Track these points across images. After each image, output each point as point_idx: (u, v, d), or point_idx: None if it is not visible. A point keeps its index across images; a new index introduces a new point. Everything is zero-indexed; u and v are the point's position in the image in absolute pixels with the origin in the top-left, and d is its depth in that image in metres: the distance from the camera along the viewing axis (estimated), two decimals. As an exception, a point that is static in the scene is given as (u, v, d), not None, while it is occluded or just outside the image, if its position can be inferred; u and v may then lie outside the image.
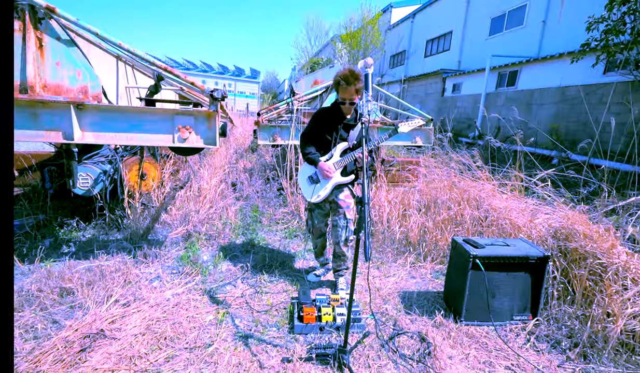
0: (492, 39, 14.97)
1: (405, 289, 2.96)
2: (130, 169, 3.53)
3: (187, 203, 3.98)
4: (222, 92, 2.62)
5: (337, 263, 2.83)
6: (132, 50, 2.40)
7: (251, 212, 4.31)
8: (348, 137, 2.60)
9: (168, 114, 2.62)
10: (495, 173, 4.34)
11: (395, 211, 3.94)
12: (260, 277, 2.98)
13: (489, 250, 2.47)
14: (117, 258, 3.01)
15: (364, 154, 1.76)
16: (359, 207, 1.75)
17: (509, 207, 3.50)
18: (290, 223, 4.18)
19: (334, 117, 2.59)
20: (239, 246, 3.56)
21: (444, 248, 3.51)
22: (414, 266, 3.38)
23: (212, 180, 4.22)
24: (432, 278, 3.19)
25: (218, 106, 2.70)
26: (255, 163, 5.91)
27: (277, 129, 4.95)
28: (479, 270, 2.43)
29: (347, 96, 2.43)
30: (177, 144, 2.70)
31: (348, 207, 2.66)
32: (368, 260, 1.56)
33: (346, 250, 2.74)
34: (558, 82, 9.87)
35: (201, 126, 2.73)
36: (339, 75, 2.39)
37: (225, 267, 3.15)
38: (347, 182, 2.63)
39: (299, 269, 3.21)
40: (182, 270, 2.95)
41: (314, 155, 2.60)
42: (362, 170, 1.74)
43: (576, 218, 2.97)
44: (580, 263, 2.63)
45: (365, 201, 1.68)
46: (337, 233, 2.68)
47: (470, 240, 2.59)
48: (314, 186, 2.64)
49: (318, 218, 2.79)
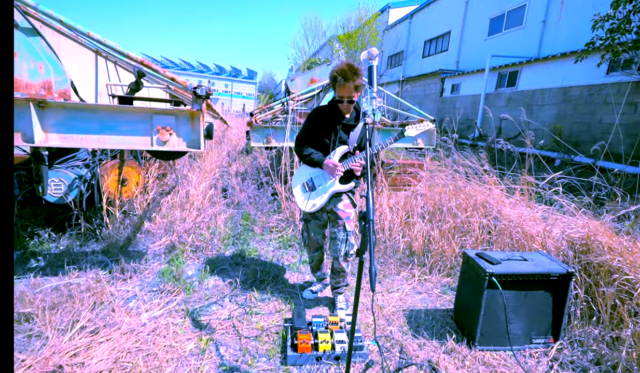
0: (491, 39, 14.78)
1: (411, 307, 2.68)
2: (109, 174, 3.22)
3: (172, 211, 3.68)
4: (206, 89, 2.33)
5: (335, 280, 2.55)
6: (102, 40, 2.11)
7: (242, 220, 4.02)
8: (348, 140, 2.32)
9: (146, 113, 2.33)
10: (503, 177, 4.08)
11: (398, 218, 3.66)
12: (250, 295, 2.69)
13: (506, 267, 2.20)
14: (91, 274, 2.70)
15: (368, 161, 1.48)
16: (362, 223, 1.47)
17: (521, 215, 3.24)
18: (284, 231, 3.89)
19: (332, 117, 2.31)
20: (228, 258, 3.26)
21: (451, 259, 3.23)
22: (419, 279, 3.10)
23: (201, 186, 3.92)
24: (440, 293, 2.92)
25: (202, 105, 2.41)
26: (249, 166, 5.61)
27: (271, 130, 4.67)
28: (496, 289, 2.16)
29: (346, 93, 2.15)
30: (156, 147, 2.40)
31: (348, 218, 2.38)
32: (373, 291, 1.28)
33: (346, 266, 2.46)
34: (560, 82, 9.66)
35: (183, 127, 2.44)
36: (336, 70, 2.12)
37: (212, 283, 2.85)
38: (346, 189, 2.35)
39: (294, 284, 2.93)
40: (163, 288, 2.65)
41: (316, 154, 2.32)
42: (366, 180, 1.46)
43: (597, 228, 2.71)
44: (606, 280, 2.37)
45: (370, 217, 1.40)
46: (335, 248, 2.39)
47: (484, 255, 2.32)
48: (309, 194, 2.36)
49: (315, 230, 2.51)
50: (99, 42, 2.11)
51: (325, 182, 2.34)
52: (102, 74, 3.67)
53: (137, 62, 2.21)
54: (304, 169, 2.42)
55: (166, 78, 2.31)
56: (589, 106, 8.64)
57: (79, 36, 2.52)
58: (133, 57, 2.17)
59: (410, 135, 2.25)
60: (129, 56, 2.17)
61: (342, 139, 2.32)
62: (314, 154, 2.32)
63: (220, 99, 33.39)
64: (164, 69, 2.28)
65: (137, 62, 2.22)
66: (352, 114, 2.34)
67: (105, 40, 2.12)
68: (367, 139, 1.51)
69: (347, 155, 2.34)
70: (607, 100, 8.21)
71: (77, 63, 3.08)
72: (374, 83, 1.58)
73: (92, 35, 2.05)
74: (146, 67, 2.28)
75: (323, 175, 2.34)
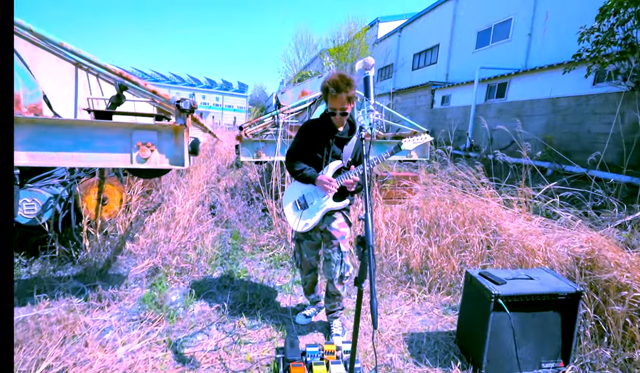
0: (479, 52, 15.05)
1: (411, 330, 2.52)
2: (88, 193, 3.03)
3: (157, 230, 3.48)
4: (190, 102, 2.19)
5: (330, 304, 2.38)
6: (77, 51, 1.96)
7: (231, 239, 3.83)
8: (342, 154, 2.19)
9: (125, 128, 2.17)
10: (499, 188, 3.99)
11: (394, 234, 3.52)
12: (239, 321, 2.50)
13: (512, 287, 2.07)
14: (64, 302, 2.48)
15: (366, 178, 1.34)
16: (360, 249, 1.32)
17: (522, 229, 3.13)
18: (276, 249, 3.71)
19: (324, 131, 2.18)
20: (215, 281, 3.07)
21: (451, 276, 3.09)
22: (418, 299, 2.95)
23: (187, 203, 3.73)
24: (441, 313, 2.76)
25: (186, 119, 2.27)
26: (239, 181, 5.44)
27: (262, 144, 4.54)
28: (503, 312, 2.02)
29: (338, 105, 2.03)
30: (135, 164, 2.23)
31: (343, 238, 2.22)
32: (375, 328, 1.12)
33: (341, 289, 2.29)
34: (548, 93, 9.80)
35: (166, 143, 2.28)
36: (328, 81, 2.00)
37: (198, 309, 2.65)
38: (340, 207, 2.21)
39: (286, 308, 2.74)
40: (143, 316, 2.44)
41: (309, 170, 2.18)
42: (364, 199, 1.32)
43: (602, 242, 2.61)
44: (615, 297, 2.25)
45: (370, 242, 1.26)
46: (330, 270, 2.23)
47: (488, 274, 2.18)
48: (301, 212, 2.21)
49: (308, 251, 2.35)
50: (72, 52, 1.96)
51: (319, 199, 2.19)
52: (83, 88, 3.51)
53: (115, 74, 2.07)
54: (295, 186, 2.28)
55: (147, 91, 2.16)
56: (577, 116, 8.74)
57: (52, 47, 2.37)
58: (111, 68, 2.03)
59: (407, 148, 2.13)
60: (106, 68, 2.02)
61: (335, 153, 2.19)
62: (306, 170, 2.18)
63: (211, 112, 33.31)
64: (144, 82, 2.13)
65: (116, 75, 2.08)
66: (345, 127, 2.22)
67: (80, 51, 1.97)
68: (365, 155, 1.37)
69: (341, 171, 2.21)
70: (594, 110, 8.32)
71: (54, 76, 2.91)
72: (371, 95, 1.46)
73: (66, 46, 1.91)
74: (125, 80, 2.13)
75: (316, 192, 2.20)
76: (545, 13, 11.75)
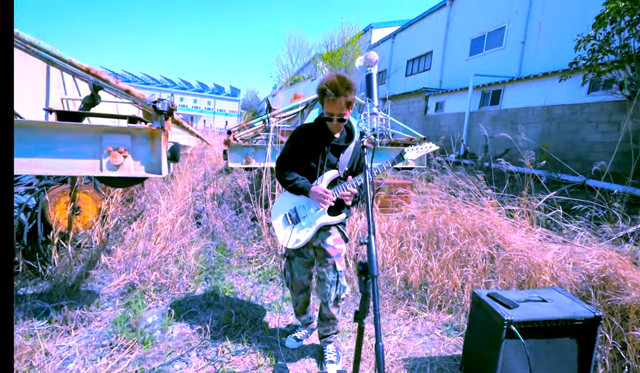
0: (472, 59, 15.08)
1: (412, 355, 2.30)
2: (58, 201, 2.76)
3: (136, 242, 3.21)
4: (169, 103, 1.96)
5: (324, 328, 2.14)
6: (36, 42, 1.72)
7: (217, 251, 3.58)
8: (338, 163, 1.98)
9: (93, 132, 1.93)
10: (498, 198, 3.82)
11: (391, 247, 3.31)
12: (222, 346, 2.25)
13: (525, 311, 1.87)
14: (23, 326, 2.20)
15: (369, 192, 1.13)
16: (361, 279, 1.10)
17: (527, 242, 2.94)
18: (265, 262, 3.47)
19: (319, 137, 1.97)
20: (198, 298, 2.81)
21: (453, 294, 2.89)
22: (418, 318, 2.73)
23: (170, 212, 3.47)
24: (443, 334, 2.55)
25: (164, 122, 2.03)
26: (228, 187, 5.19)
27: (252, 149, 4.31)
28: (516, 339, 1.82)
29: (336, 111, 1.82)
30: (106, 172, 1.99)
31: (339, 256, 2.00)
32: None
33: (336, 312, 2.06)
34: (542, 101, 9.77)
35: (141, 148, 2.04)
36: (325, 82, 1.79)
37: (178, 331, 2.40)
38: (336, 222, 1.99)
39: (275, 329, 2.50)
40: (114, 342, 2.18)
41: (301, 180, 1.96)
42: (368, 220, 1.10)
43: (614, 259, 2.43)
44: (635, 322, 2.07)
45: (374, 271, 1.04)
46: (324, 291, 2.00)
47: (498, 296, 1.98)
48: (292, 227, 1.99)
49: (299, 269, 2.12)
50: (32, 44, 1.71)
51: (312, 212, 1.97)
52: (57, 88, 3.24)
53: (83, 70, 1.83)
54: (286, 197, 2.06)
55: (120, 89, 1.93)
56: (572, 125, 8.71)
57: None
58: (76, 64, 1.79)
59: (411, 158, 1.93)
60: (71, 63, 1.78)
61: (330, 162, 1.98)
62: (298, 180, 1.96)
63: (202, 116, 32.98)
64: (116, 80, 1.90)
65: (83, 70, 1.84)
66: (342, 133, 2.01)
67: (40, 42, 1.73)
68: (367, 166, 1.16)
69: (336, 181, 2.00)
70: (589, 119, 8.29)
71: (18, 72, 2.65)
72: (374, 95, 1.25)
73: (22, 36, 1.66)
74: (94, 77, 1.90)
75: (309, 204, 1.98)
76: (539, 22, 11.81)
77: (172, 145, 2.16)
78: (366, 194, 1.15)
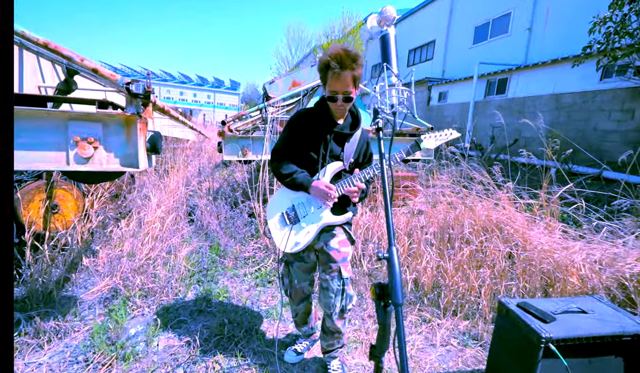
0: (476, 48, 14.64)
1: (428, 371, 2.04)
2: (32, 199, 2.49)
3: (123, 242, 2.94)
4: (144, 85, 1.67)
5: (328, 343, 1.88)
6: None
7: (210, 251, 3.31)
8: (342, 153, 1.69)
9: (57, 118, 1.65)
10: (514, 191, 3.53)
11: (401, 246, 3.04)
12: (213, 361, 1.99)
13: (563, 326, 1.59)
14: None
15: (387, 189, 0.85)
16: (380, 304, 0.83)
17: (552, 243, 2.67)
18: (263, 263, 3.20)
19: (320, 123, 1.68)
20: (189, 305, 2.55)
21: (469, 297, 2.62)
22: (431, 324, 2.47)
23: (159, 210, 3.20)
24: (460, 345, 2.29)
25: (141, 107, 1.75)
26: (224, 181, 4.92)
27: (249, 141, 4.02)
28: (554, 357, 1.55)
29: (341, 87, 1.53)
30: (74, 166, 1.71)
31: (344, 260, 1.73)
32: None
33: (342, 325, 1.80)
34: (551, 89, 9.41)
35: (114, 138, 1.76)
36: (329, 54, 1.49)
37: (164, 344, 2.14)
38: (341, 222, 1.72)
39: (272, 340, 2.24)
40: (90, 357, 1.93)
41: (300, 173, 1.68)
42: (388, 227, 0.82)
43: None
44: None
45: (399, 298, 0.76)
46: (328, 302, 1.73)
47: (530, 307, 1.71)
48: (291, 228, 1.71)
49: (299, 276, 1.85)
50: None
51: (313, 211, 1.70)
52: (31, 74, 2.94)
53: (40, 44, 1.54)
54: (283, 194, 1.78)
55: (86, 68, 1.64)
56: (583, 113, 8.36)
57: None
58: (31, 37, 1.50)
59: (429, 147, 1.65)
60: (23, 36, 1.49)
61: (334, 152, 1.69)
62: (297, 173, 1.68)
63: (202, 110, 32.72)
64: (81, 57, 1.61)
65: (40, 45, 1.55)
66: (346, 119, 1.73)
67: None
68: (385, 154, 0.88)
69: (341, 175, 1.72)
70: (601, 107, 7.94)
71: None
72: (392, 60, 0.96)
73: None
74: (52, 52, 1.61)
75: (309, 201, 1.70)
76: (546, 7, 11.37)
77: (152, 134, 1.87)
78: (384, 192, 0.87)
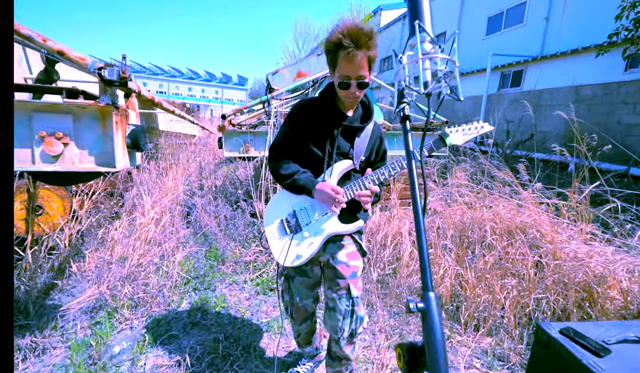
0: (489, 39, 14.12)
1: (448, 400, 1.77)
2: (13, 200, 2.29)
3: (112, 247, 2.73)
4: (118, 70, 1.42)
5: (334, 370, 1.63)
6: None
7: (208, 255, 3.09)
8: (352, 151, 1.43)
9: (18, 109, 1.42)
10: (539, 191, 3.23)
11: (416, 251, 2.77)
12: (205, 386, 1.76)
13: (622, 361, 1.31)
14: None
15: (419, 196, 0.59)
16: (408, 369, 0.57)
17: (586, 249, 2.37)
18: (265, 268, 2.97)
19: (326, 116, 1.42)
20: (182, 316, 2.33)
21: (493, 312, 2.35)
22: (450, 342, 2.21)
23: (152, 211, 2.97)
24: (484, 367, 2.02)
25: (116, 96, 1.51)
26: (226, 179, 4.69)
27: (251, 136, 3.78)
28: (607, 400, 1.27)
29: (353, 72, 1.26)
30: (40, 165, 1.48)
31: (354, 276, 1.47)
32: None
33: (351, 351, 1.54)
34: (570, 81, 8.95)
35: (87, 133, 1.52)
36: (341, 30, 1.22)
37: (152, 363, 1.92)
38: (350, 231, 1.45)
39: (273, 359, 2.01)
40: (67, 381, 1.71)
41: (302, 174, 1.42)
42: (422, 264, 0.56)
43: None
44: None
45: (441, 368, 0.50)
46: (335, 325, 1.48)
47: (576, 334, 1.43)
48: (291, 237, 1.46)
49: (301, 292, 1.60)
50: None
51: (317, 218, 1.44)
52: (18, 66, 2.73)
53: None
54: (282, 198, 1.52)
55: (50, 50, 1.40)
56: (604, 106, 7.92)
57: None
58: None
59: (455, 143, 1.37)
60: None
61: (342, 149, 1.43)
62: (298, 174, 1.42)
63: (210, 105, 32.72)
64: (43, 37, 1.37)
65: None
66: (357, 110, 1.46)
67: None
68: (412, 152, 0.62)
69: (350, 176, 1.45)
70: (626, 100, 7.49)
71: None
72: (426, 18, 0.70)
73: None
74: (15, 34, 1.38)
75: (313, 207, 1.45)
76: (564, -5, 10.83)
77: (133, 128, 1.63)
78: (414, 205, 0.61)
